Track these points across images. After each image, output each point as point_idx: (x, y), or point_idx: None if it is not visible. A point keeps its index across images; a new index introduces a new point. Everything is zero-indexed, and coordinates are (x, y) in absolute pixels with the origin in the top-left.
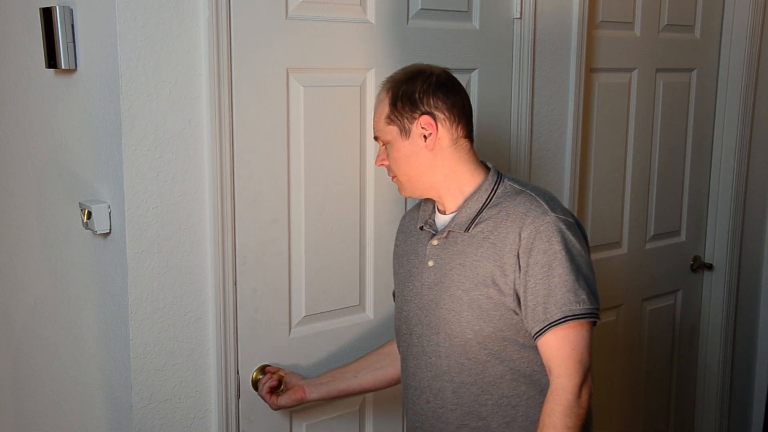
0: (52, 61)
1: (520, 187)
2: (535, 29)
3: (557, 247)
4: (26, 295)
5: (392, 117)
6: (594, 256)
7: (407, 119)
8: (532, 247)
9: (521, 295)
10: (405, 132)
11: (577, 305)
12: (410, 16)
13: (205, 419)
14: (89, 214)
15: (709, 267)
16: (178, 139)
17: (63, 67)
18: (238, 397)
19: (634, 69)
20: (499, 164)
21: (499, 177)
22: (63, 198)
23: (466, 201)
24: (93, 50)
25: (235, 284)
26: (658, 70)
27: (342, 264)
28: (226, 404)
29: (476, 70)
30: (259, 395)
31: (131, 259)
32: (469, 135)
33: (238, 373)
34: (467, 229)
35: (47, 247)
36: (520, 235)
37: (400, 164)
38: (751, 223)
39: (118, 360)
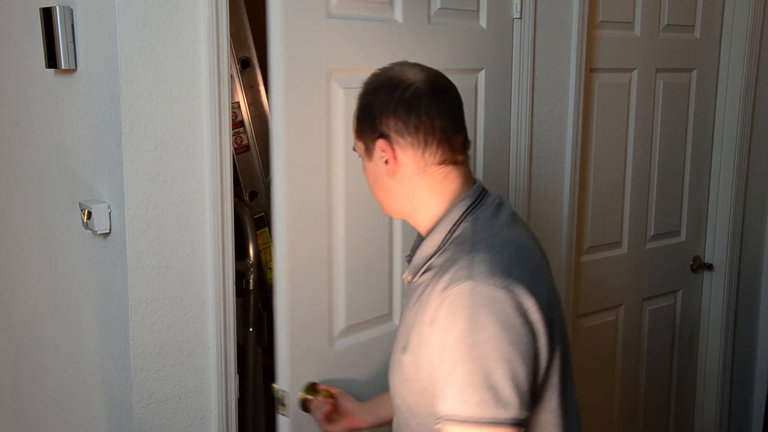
0: (52, 61)
1: (470, 233)
2: (535, 29)
3: (460, 325)
4: (26, 295)
5: (358, 132)
6: (594, 256)
7: (369, 138)
8: (437, 319)
9: (436, 371)
10: (369, 152)
11: (457, 407)
12: (431, 15)
13: (205, 419)
14: (89, 214)
15: (709, 267)
16: (178, 139)
17: (63, 67)
18: (238, 397)
19: (634, 69)
20: (499, 165)
21: (464, 214)
22: (63, 198)
23: (425, 241)
24: (93, 50)
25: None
26: (658, 70)
27: (373, 272)
28: (226, 404)
29: (483, 70)
30: (315, 420)
31: (131, 259)
32: (448, 160)
33: (237, 373)
34: (414, 277)
35: (47, 247)
36: (435, 300)
37: (371, 184)
38: (751, 223)
39: (118, 360)
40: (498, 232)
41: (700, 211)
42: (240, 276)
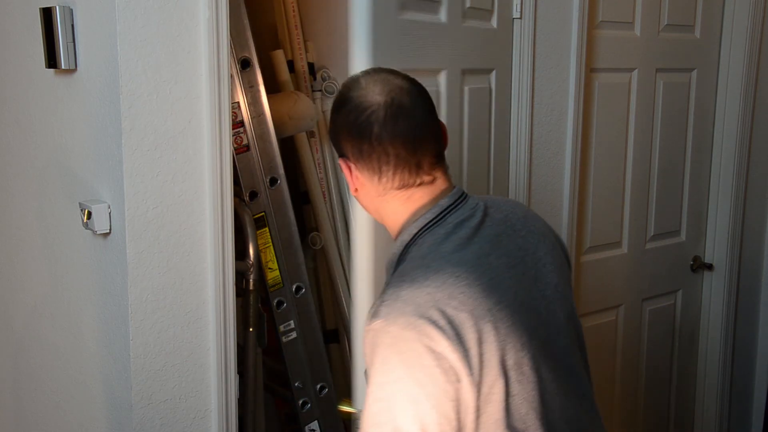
0: (52, 61)
1: (407, 261)
2: (535, 29)
3: (372, 362)
4: (26, 295)
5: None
6: (594, 256)
7: (336, 150)
8: (365, 350)
9: None
10: (341, 165)
11: None
12: (464, 14)
13: (205, 419)
14: (89, 214)
15: (709, 267)
16: (178, 139)
17: (63, 67)
18: (238, 397)
19: (634, 69)
20: (499, 165)
21: (414, 237)
22: (63, 198)
23: (386, 261)
24: (93, 50)
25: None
26: (658, 70)
27: None
28: (226, 404)
29: (494, 71)
30: None
31: (131, 259)
32: (408, 185)
33: (237, 373)
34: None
35: (47, 247)
36: (365, 329)
37: None
38: (751, 223)
39: (118, 360)
40: (432, 261)
41: (700, 211)
42: (240, 276)
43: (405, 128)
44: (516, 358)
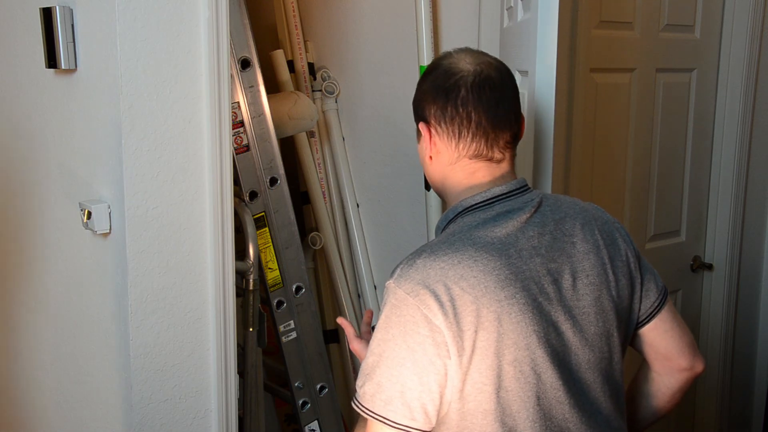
0: (52, 61)
1: (445, 233)
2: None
3: (380, 317)
4: (26, 295)
5: (413, 112)
6: None
7: (417, 119)
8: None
9: None
10: (418, 132)
11: (358, 388)
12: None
13: (206, 419)
14: (89, 214)
15: (709, 267)
16: (178, 139)
17: (63, 67)
18: (238, 397)
19: (634, 69)
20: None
21: (457, 215)
22: (63, 198)
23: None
24: (93, 50)
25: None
26: (658, 70)
27: None
28: (226, 404)
29: None
30: None
31: (131, 259)
32: (481, 156)
33: (238, 373)
34: None
35: (47, 247)
36: None
37: (420, 161)
38: (751, 223)
39: (118, 360)
40: (458, 240)
41: (700, 211)
42: (240, 276)
43: (490, 98)
44: (516, 355)
